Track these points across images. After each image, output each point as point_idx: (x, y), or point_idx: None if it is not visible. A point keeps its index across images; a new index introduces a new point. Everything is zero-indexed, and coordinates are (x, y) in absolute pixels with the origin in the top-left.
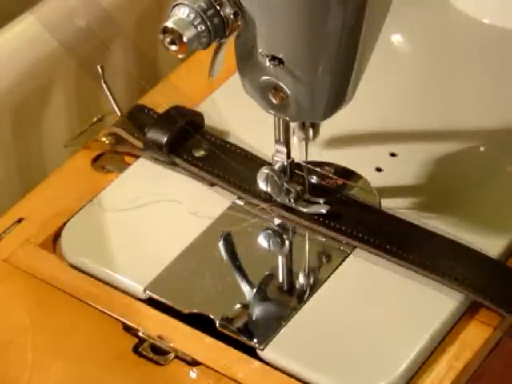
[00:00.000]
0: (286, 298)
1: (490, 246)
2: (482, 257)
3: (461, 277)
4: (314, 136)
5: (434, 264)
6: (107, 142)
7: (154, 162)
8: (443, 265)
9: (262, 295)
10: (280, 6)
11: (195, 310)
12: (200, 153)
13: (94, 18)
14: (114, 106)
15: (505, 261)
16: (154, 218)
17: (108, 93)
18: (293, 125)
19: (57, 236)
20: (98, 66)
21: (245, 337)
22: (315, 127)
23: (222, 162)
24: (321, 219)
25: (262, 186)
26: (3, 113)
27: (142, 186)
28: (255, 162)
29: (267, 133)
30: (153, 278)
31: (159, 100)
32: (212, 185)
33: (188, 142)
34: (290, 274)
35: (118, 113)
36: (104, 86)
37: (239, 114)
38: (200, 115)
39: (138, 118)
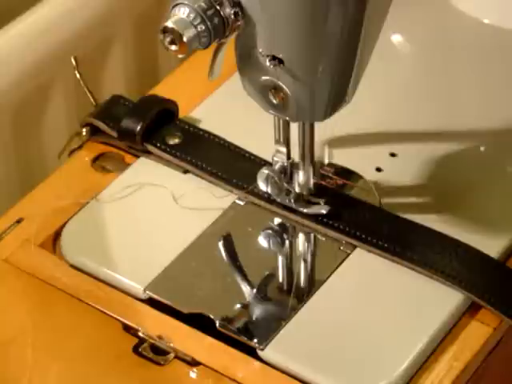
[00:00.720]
0: (286, 298)
1: (490, 246)
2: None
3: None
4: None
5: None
6: (84, 133)
7: (155, 161)
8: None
9: (262, 295)
10: (280, 6)
11: (195, 310)
12: (174, 140)
13: (94, 18)
14: (90, 96)
15: (505, 261)
16: (154, 218)
17: (82, 83)
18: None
19: (57, 236)
20: (72, 57)
21: (245, 337)
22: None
23: (196, 150)
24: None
25: (262, 186)
26: (3, 113)
27: (142, 186)
28: (231, 150)
29: (267, 133)
30: (153, 278)
31: None
32: (185, 172)
33: (162, 130)
34: (290, 274)
35: (94, 103)
36: (78, 76)
37: (239, 114)
38: (174, 104)
39: (114, 109)
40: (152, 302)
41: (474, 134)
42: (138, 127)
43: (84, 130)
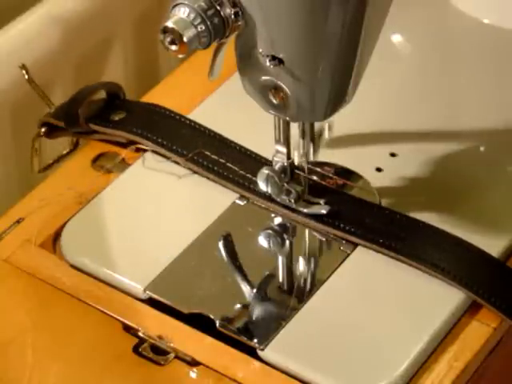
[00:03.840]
0: (286, 298)
1: (491, 245)
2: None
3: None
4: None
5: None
6: (42, 133)
7: (155, 162)
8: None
9: (262, 295)
10: (280, 5)
11: (195, 310)
12: (119, 116)
13: (94, 18)
14: (45, 101)
15: (505, 261)
16: (153, 217)
17: (35, 89)
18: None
19: (57, 236)
20: (19, 66)
21: (245, 337)
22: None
23: (140, 121)
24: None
25: (262, 186)
26: (3, 112)
27: (142, 186)
28: (176, 120)
29: (267, 133)
30: (153, 278)
31: (159, 100)
32: (127, 144)
33: (106, 110)
34: (290, 274)
35: (50, 106)
36: (30, 83)
37: (239, 114)
38: (118, 86)
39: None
40: (152, 302)
41: (474, 134)
42: (80, 110)
43: (42, 129)
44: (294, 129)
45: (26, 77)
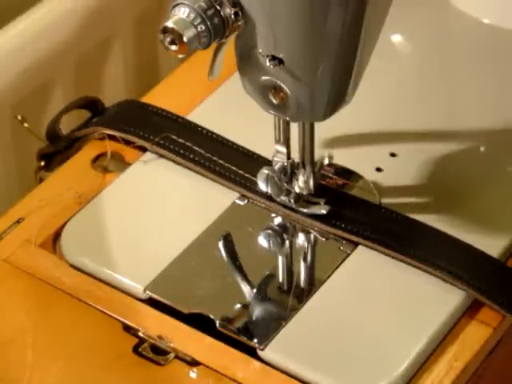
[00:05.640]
0: (286, 298)
1: (490, 245)
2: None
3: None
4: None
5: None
6: (41, 166)
7: (154, 162)
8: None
9: (262, 295)
10: (280, 6)
11: (195, 310)
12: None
13: (94, 18)
14: (42, 140)
15: (505, 261)
16: (153, 217)
17: (33, 134)
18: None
19: (57, 236)
20: (19, 117)
21: (245, 337)
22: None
23: (118, 117)
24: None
25: (262, 186)
26: (3, 112)
27: (142, 186)
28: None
29: (267, 133)
30: (153, 278)
31: (159, 100)
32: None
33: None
34: (290, 274)
35: (46, 142)
36: (28, 129)
37: (239, 114)
38: (95, 100)
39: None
40: (152, 302)
41: (474, 134)
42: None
43: (42, 163)
44: (295, 129)
45: (26, 125)
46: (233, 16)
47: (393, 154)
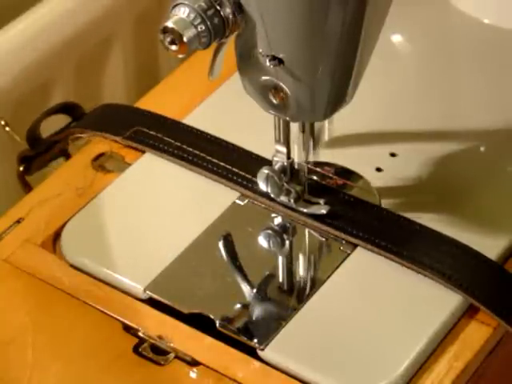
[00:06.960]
0: (286, 298)
1: (490, 246)
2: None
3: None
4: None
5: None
6: (21, 170)
7: (154, 162)
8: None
9: (262, 295)
10: (280, 5)
11: (195, 310)
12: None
13: (94, 18)
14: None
15: (504, 261)
16: (153, 218)
17: (15, 138)
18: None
19: (57, 236)
20: (2, 122)
21: (245, 337)
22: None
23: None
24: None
25: (262, 186)
26: (3, 112)
27: (142, 186)
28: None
29: (267, 133)
30: (153, 278)
31: (159, 100)
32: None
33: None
34: (290, 274)
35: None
36: (9, 134)
37: (239, 114)
38: (75, 105)
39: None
40: (152, 302)
41: (474, 134)
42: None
43: (21, 168)
44: (294, 129)
45: (8, 129)
46: (233, 16)
47: (393, 154)
